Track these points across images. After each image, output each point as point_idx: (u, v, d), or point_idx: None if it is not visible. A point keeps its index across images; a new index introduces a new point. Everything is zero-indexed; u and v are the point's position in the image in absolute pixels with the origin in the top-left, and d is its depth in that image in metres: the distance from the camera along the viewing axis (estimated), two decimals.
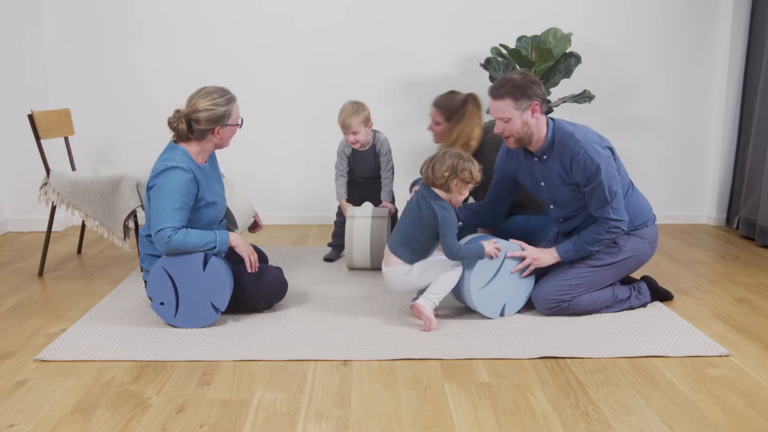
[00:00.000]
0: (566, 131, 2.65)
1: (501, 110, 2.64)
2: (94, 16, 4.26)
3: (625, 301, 2.82)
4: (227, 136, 2.68)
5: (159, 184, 2.53)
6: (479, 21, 4.31)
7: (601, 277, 2.75)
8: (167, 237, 2.49)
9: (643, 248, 2.80)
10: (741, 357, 2.40)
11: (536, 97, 2.62)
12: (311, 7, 4.28)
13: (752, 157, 4.10)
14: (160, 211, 2.51)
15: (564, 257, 2.74)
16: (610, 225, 2.66)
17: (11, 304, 2.96)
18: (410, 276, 2.66)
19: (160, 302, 2.59)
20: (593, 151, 2.59)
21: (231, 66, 4.31)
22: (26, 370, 2.29)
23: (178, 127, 2.60)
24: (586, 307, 2.74)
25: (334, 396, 2.11)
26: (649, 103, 4.42)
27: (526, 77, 2.63)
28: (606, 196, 2.63)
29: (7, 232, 4.29)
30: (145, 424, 1.94)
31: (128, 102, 4.36)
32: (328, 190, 4.48)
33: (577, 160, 2.60)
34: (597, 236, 2.68)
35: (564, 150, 2.64)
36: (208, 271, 2.56)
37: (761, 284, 3.24)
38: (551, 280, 2.75)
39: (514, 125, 2.64)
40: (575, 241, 2.72)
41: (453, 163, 2.57)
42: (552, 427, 1.93)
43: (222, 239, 2.59)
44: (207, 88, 2.64)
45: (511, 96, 2.61)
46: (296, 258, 3.66)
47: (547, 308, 2.73)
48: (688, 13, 4.34)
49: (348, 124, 3.30)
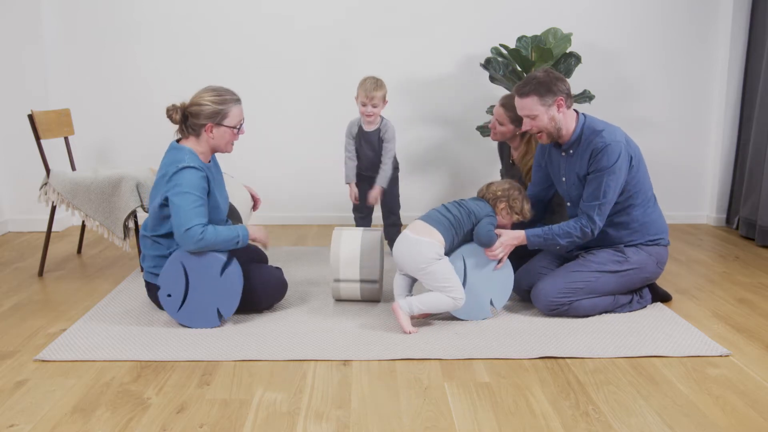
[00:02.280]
0: (595, 128, 2.71)
1: (527, 107, 2.69)
2: (94, 17, 4.26)
3: (626, 305, 2.82)
4: (222, 137, 2.64)
5: (175, 186, 2.52)
6: (479, 21, 4.31)
7: (603, 284, 2.73)
8: (200, 234, 2.49)
9: (649, 265, 2.79)
10: (741, 357, 2.40)
11: (561, 93, 2.67)
12: (311, 8, 4.28)
13: (752, 157, 4.10)
14: (183, 211, 2.50)
15: (531, 241, 2.74)
16: (585, 224, 2.69)
17: (11, 304, 2.96)
18: (432, 264, 2.59)
19: (168, 294, 2.59)
20: (614, 150, 2.64)
21: (231, 66, 4.31)
22: (26, 370, 2.29)
23: (172, 116, 2.62)
24: (586, 311, 2.74)
25: (334, 396, 2.11)
26: (649, 103, 4.42)
27: (549, 74, 2.69)
28: (600, 193, 2.65)
29: (7, 232, 4.30)
30: (145, 424, 1.94)
31: (128, 102, 4.36)
32: (328, 190, 4.48)
33: (598, 151, 2.65)
34: (569, 230, 2.71)
35: (588, 145, 2.69)
36: (225, 277, 2.57)
37: (761, 284, 3.24)
38: (553, 280, 2.74)
39: (540, 121, 2.69)
40: (546, 230, 2.74)
41: (510, 189, 2.75)
42: (552, 427, 1.93)
43: (243, 234, 2.63)
44: (213, 85, 2.66)
45: (535, 93, 2.66)
46: (296, 258, 3.66)
47: (547, 308, 2.73)
48: (688, 13, 4.34)
49: (372, 96, 3.36)
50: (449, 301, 2.59)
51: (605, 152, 2.64)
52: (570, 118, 2.73)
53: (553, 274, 2.77)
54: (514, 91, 2.75)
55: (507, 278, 2.76)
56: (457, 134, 4.45)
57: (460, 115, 4.41)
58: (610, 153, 2.63)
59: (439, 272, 2.59)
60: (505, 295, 2.76)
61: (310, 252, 3.79)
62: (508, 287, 2.77)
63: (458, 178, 4.52)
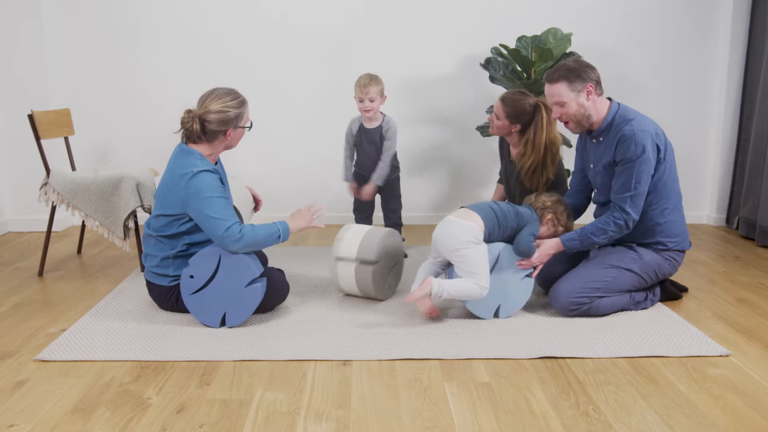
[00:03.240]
0: (626, 116, 2.72)
1: (557, 94, 2.72)
2: (95, 17, 4.26)
3: (640, 303, 2.83)
4: (237, 138, 2.70)
5: (196, 191, 2.52)
6: (479, 21, 4.31)
7: (621, 283, 2.74)
8: (239, 233, 2.50)
9: (663, 266, 2.81)
10: (741, 357, 2.40)
11: (590, 80, 2.70)
12: (311, 8, 4.28)
13: (752, 157, 4.10)
14: (215, 213, 2.50)
15: (567, 246, 2.75)
16: (618, 217, 2.68)
17: (11, 304, 2.96)
18: (469, 247, 2.59)
19: (191, 275, 2.59)
20: (643, 138, 2.64)
21: (230, 66, 4.31)
22: (26, 370, 2.29)
23: (192, 128, 2.59)
24: (606, 309, 2.74)
25: (334, 396, 2.11)
26: (649, 103, 4.42)
27: (579, 62, 2.73)
28: (631, 184, 2.65)
29: (7, 232, 4.30)
30: (145, 424, 1.94)
31: (128, 102, 4.36)
32: (328, 190, 4.48)
33: (625, 139, 2.66)
34: (603, 227, 2.70)
35: (617, 133, 2.70)
36: (248, 290, 2.57)
37: (761, 284, 3.24)
38: (571, 280, 2.72)
39: (570, 108, 2.72)
40: (580, 232, 2.74)
41: (557, 203, 2.83)
42: (552, 427, 1.93)
43: (284, 228, 2.64)
44: (219, 91, 2.63)
45: (565, 79, 2.70)
46: (296, 258, 3.66)
47: (567, 309, 2.71)
48: (688, 14, 4.34)
49: (367, 91, 3.37)
50: (477, 288, 2.60)
51: (632, 140, 2.64)
52: (601, 106, 2.75)
53: (570, 274, 2.76)
54: (544, 78, 2.77)
55: (524, 293, 2.77)
56: (457, 134, 4.45)
57: (460, 115, 4.41)
58: (636, 142, 2.63)
59: (473, 256, 2.59)
60: (514, 308, 2.76)
61: (310, 252, 3.79)
62: (520, 302, 2.77)
63: (458, 178, 4.52)
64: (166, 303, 2.76)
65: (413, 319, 2.74)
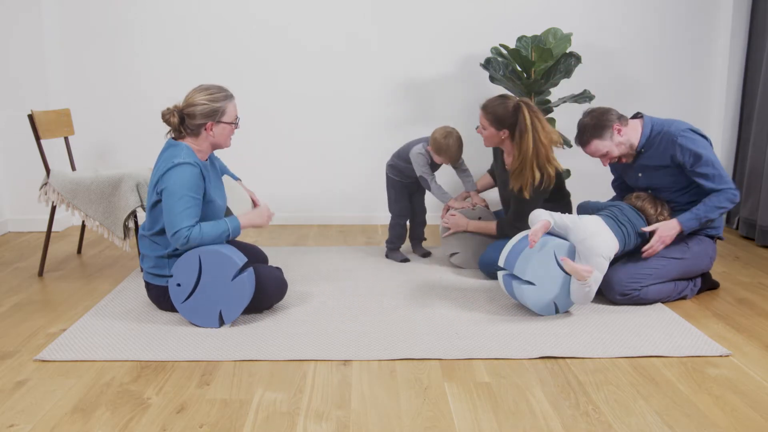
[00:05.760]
0: (662, 124, 2.93)
1: (596, 151, 2.95)
2: (95, 17, 4.26)
3: (682, 291, 2.97)
4: (222, 134, 2.67)
5: (169, 185, 2.53)
6: (479, 21, 4.31)
7: (669, 271, 2.88)
8: (184, 237, 2.52)
9: (705, 257, 2.97)
10: (741, 357, 2.40)
11: (613, 122, 2.90)
12: (311, 8, 4.29)
13: (752, 157, 4.10)
14: (173, 213, 2.52)
15: (687, 226, 2.86)
16: (729, 194, 2.84)
17: (11, 304, 2.96)
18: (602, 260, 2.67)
19: (177, 283, 2.60)
20: (690, 136, 2.85)
21: (230, 66, 4.31)
22: (26, 370, 2.29)
23: (170, 120, 2.61)
24: (654, 297, 2.87)
25: (334, 396, 2.11)
26: (649, 103, 4.42)
27: (594, 115, 2.92)
28: (711, 171, 2.82)
29: (7, 232, 4.30)
30: (145, 424, 1.94)
31: (128, 102, 4.36)
32: (328, 191, 4.48)
33: (680, 144, 2.84)
34: (718, 204, 2.85)
35: (662, 139, 2.89)
36: (235, 283, 2.57)
37: (761, 284, 3.24)
38: (624, 267, 2.85)
39: (612, 153, 2.94)
40: (695, 212, 2.85)
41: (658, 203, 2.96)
42: (552, 427, 1.93)
43: (234, 226, 2.65)
44: (204, 84, 2.67)
45: (593, 137, 2.92)
46: (296, 258, 3.66)
47: (619, 294, 2.83)
48: (688, 13, 4.34)
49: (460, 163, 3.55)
50: (598, 276, 2.66)
51: (687, 142, 2.83)
52: (633, 130, 2.94)
53: (622, 261, 2.89)
54: (577, 144, 2.98)
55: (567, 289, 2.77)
56: None
57: (460, 115, 4.40)
58: (690, 141, 2.83)
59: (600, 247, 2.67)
60: (569, 303, 2.77)
61: (310, 252, 3.79)
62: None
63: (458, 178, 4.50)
64: (165, 303, 2.76)
65: (413, 319, 2.74)
